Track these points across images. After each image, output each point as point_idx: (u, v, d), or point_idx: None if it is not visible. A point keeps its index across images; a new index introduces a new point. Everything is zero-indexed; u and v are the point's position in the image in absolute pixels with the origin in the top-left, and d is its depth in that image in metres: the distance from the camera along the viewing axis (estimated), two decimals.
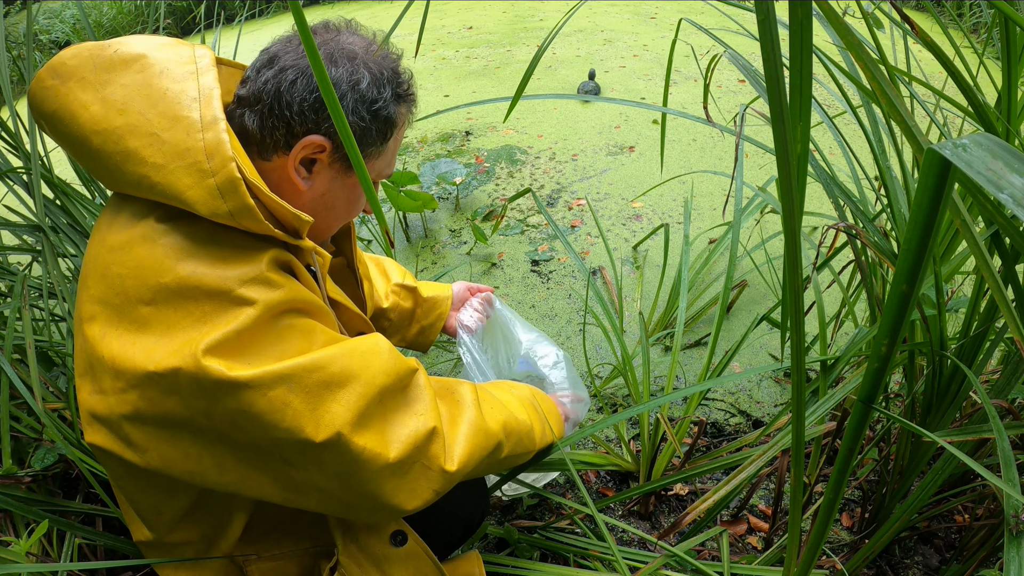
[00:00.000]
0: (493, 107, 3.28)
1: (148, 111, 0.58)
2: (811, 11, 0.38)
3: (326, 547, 0.77)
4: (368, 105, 0.67)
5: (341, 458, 0.62)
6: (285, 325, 0.61)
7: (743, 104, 0.93)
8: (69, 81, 0.60)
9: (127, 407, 0.59)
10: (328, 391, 0.60)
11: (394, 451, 0.64)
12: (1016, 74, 0.70)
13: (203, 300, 0.57)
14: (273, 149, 0.66)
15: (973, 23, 4.45)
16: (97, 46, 0.61)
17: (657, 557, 1.00)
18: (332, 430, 0.60)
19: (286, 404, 0.58)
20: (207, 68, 0.61)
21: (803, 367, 0.55)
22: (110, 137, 0.58)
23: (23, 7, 4.62)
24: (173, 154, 0.57)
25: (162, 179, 0.57)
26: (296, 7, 0.37)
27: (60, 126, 0.60)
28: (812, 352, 1.33)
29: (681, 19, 1.03)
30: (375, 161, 0.73)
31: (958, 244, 0.89)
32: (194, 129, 0.57)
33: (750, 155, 2.64)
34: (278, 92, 0.64)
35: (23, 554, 0.81)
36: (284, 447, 0.60)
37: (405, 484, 0.67)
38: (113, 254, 0.60)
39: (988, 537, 0.94)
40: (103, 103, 0.59)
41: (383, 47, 0.70)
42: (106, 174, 0.61)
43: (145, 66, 0.60)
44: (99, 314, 0.59)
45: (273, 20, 6.14)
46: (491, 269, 2.06)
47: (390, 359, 0.67)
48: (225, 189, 0.57)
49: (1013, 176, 0.29)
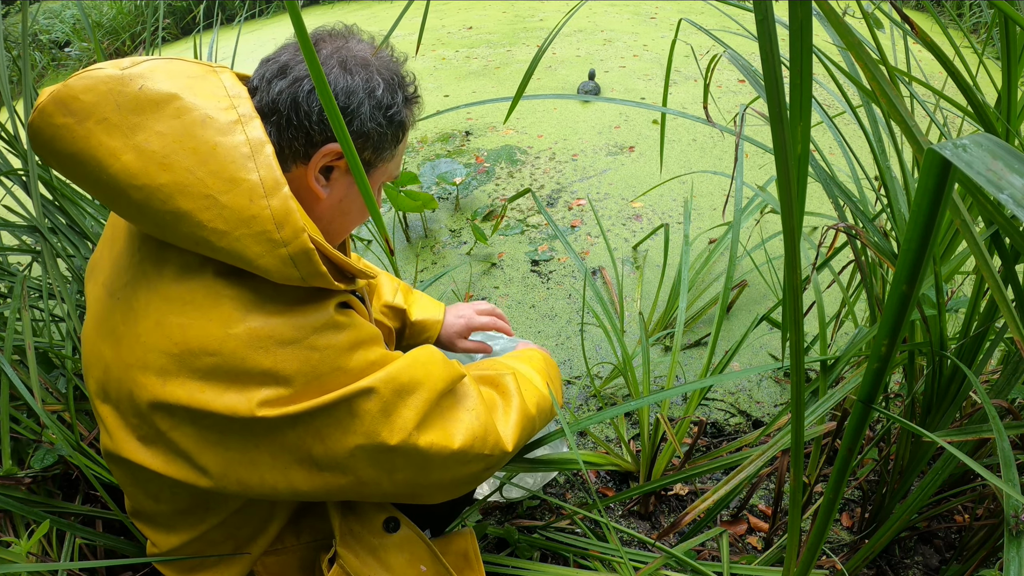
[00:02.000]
0: (493, 107, 3.28)
1: (197, 169, 0.56)
2: (811, 11, 0.38)
3: (325, 540, 0.79)
4: (384, 111, 0.68)
5: (410, 459, 0.68)
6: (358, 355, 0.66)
7: (743, 104, 0.93)
8: (87, 121, 0.56)
9: (198, 438, 0.62)
10: (400, 398, 0.67)
11: (456, 442, 0.71)
12: (1016, 74, 0.70)
13: (275, 349, 0.59)
14: (292, 159, 0.66)
15: (973, 23, 4.45)
16: (114, 79, 0.56)
17: (657, 557, 1.00)
18: (404, 433, 0.66)
19: (366, 412, 0.64)
20: (249, 114, 0.60)
21: (802, 367, 0.55)
22: (155, 195, 0.56)
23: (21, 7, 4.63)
24: (237, 221, 0.57)
25: (227, 245, 0.57)
26: (294, 8, 0.37)
27: (81, 170, 0.57)
28: (812, 352, 1.33)
29: (681, 19, 1.03)
30: (387, 164, 0.74)
31: (958, 244, 0.89)
32: (257, 195, 0.57)
33: (750, 155, 2.64)
34: (295, 102, 0.64)
35: (24, 554, 0.81)
36: (360, 455, 0.65)
37: (467, 468, 0.74)
38: (171, 304, 0.60)
39: (988, 537, 0.94)
40: (138, 153, 0.56)
41: (382, 48, 0.71)
42: (151, 225, 0.59)
43: (181, 111, 0.57)
44: (153, 363, 0.60)
45: (273, 20, 6.13)
46: (491, 269, 2.06)
47: (444, 366, 0.74)
48: (299, 259, 0.59)
49: (1013, 176, 0.29)
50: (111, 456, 0.68)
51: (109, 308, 0.65)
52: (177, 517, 0.71)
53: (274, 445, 0.63)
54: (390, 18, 5.60)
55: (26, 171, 1.14)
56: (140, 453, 0.64)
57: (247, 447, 0.62)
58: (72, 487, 1.09)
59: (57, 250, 1.21)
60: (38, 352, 1.11)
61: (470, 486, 0.78)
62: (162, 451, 0.63)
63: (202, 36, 1.70)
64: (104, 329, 0.64)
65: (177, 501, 0.69)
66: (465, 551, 0.87)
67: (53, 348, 1.15)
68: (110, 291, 0.65)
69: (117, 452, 0.65)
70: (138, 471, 0.65)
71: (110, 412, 0.65)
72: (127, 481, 0.71)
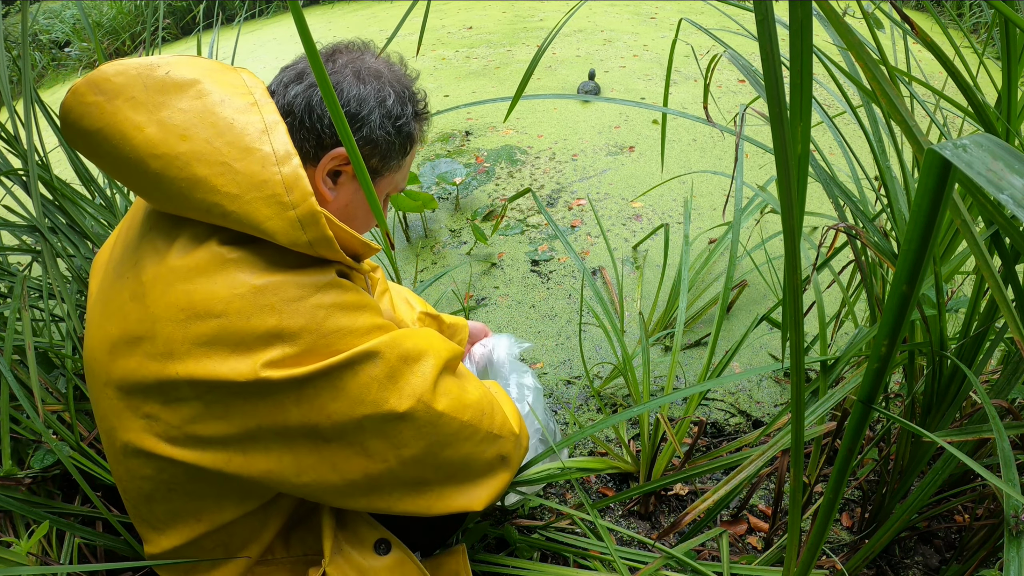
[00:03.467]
0: (493, 107, 3.28)
1: (215, 140, 0.60)
2: (811, 11, 0.38)
3: (315, 557, 0.78)
4: (393, 121, 0.71)
5: (421, 429, 0.68)
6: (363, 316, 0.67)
7: (743, 104, 0.93)
8: (116, 99, 0.60)
9: (203, 413, 0.62)
10: (406, 364, 0.67)
11: (466, 413, 0.72)
12: (1016, 74, 0.70)
13: (280, 306, 0.60)
14: (303, 161, 0.69)
15: (973, 23, 4.45)
16: (143, 64, 0.61)
17: (657, 557, 1.00)
18: (414, 399, 0.66)
19: (372, 378, 0.64)
20: (266, 100, 0.64)
21: (802, 367, 0.55)
22: (173, 163, 0.59)
23: (21, 8, 4.63)
24: (249, 185, 0.60)
25: (238, 208, 0.60)
26: (296, 7, 0.37)
27: (106, 145, 0.61)
28: (812, 352, 1.33)
29: (681, 19, 1.03)
30: (394, 175, 0.77)
31: (958, 244, 0.89)
32: (269, 163, 0.60)
33: (750, 155, 2.64)
34: (309, 106, 0.68)
35: (24, 555, 0.81)
36: (368, 427, 0.65)
37: (479, 450, 0.74)
38: (177, 273, 0.61)
39: (988, 537, 0.94)
40: (160, 126, 0.59)
41: (396, 61, 0.75)
42: (164, 197, 0.62)
43: (202, 92, 0.61)
44: (160, 333, 0.61)
45: (273, 20, 6.13)
46: (491, 269, 2.06)
47: (444, 341, 0.75)
48: (306, 221, 0.61)
49: (1013, 177, 0.29)
50: (113, 443, 0.67)
51: (117, 288, 0.66)
52: (170, 519, 0.70)
53: (278, 419, 0.62)
54: (390, 18, 5.60)
55: (26, 171, 1.14)
56: (142, 436, 0.63)
57: (250, 420, 0.62)
58: (72, 487, 1.09)
59: (57, 250, 1.20)
60: (38, 352, 1.11)
61: (485, 482, 0.77)
62: (164, 429, 0.63)
63: (202, 36, 1.70)
64: (111, 308, 0.66)
65: (171, 501, 0.69)
66: (456, 572, 0.87)
67: (53, 348, 1.15)
68: (118, 273, 0.67)
69: (121, 437, 0.65)
70: (136, 462, 0.65)
71: (114, 394, 0.65)
72: (124, 476, 0.70)
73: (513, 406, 0.88)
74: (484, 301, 1.92)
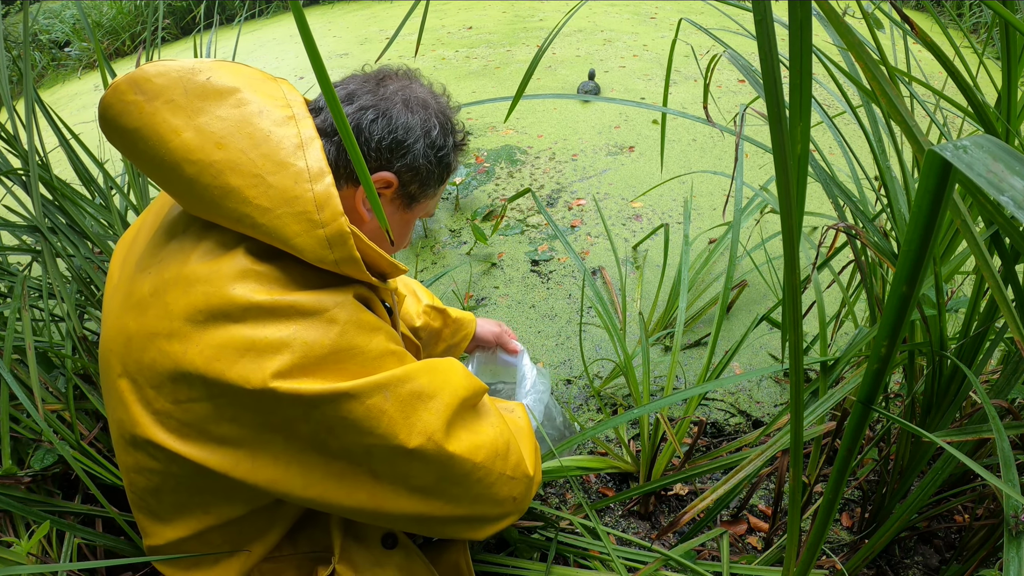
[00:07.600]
0: (493, 107, 3.27)
1: (250, 151, 0.60)
2: (811, 11, 0.38)
3: (323, 553, 0.78)
4: (436, 151, 0.74)
5: (429, 466, 0.67)
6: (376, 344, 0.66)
7: (743, 104, 0.93)
8: (156, 100, 0.60)
9: (213, 414, 0.62)
10: (419, 401, 0.66)
11: (480, 455, 0.71)
12: (1016, 74, 0.70)
13: (296, 317, 0.61)
14: (346, 181, 0.70)
15: (973, 23, 4.45)
16: (185, 68, 0.62)
17: (657, 557, 1.00)
18: (424, 437, 0.66)
19: (382, 412, 0.63)
20: (303, 115, 0.65)
21: (801, 367, 0.55)
22: (208, 170, 0.60)
23: (21, 7, 4.63)
24: (281, 199, 0.60)
25: (268, 222, 0.60)
26: (297, 7, 0.37)
27: (142, 145, 0.61)
28: (812, 352, 1.33)
29: (681, 19, 1.03)
30: (428, 201, 0.79)
31: (958, 244, 0.89)
32: (302, 179, 0.61)
33: (750, 155, 2.64)
34: (358, 128, 0.69)
35: (24, 555, 0.81)
36: (376, 455, 0.65)
37: (490, 491, 0.74)
38: (199, 274, 0.62)
39: (988, 537, 0.94)
40: (197, 132, 0.60)
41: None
42: (196, 202, 0.62)
43: (242, 101, 0.62)
44: (177, 330, 0.61)
45: (273, 20, 6.13)
46: (491, 269, 2.06)
47: (465, 377, 0.74)
48: (335, 241, 0.61)
49: (1014, 178, 0.29)
50: (122, 435, 0.67)
51: (139, 282, 0.66)
52: (177, 510, 0.70)
53: (287, 431, 0.63)
54: (390, 18, 5.59)
55: (26, 171, 1.14)
56: (153, 429, 0.64)
57: (260, 427, 0.62)
58: (72, 486, 1.09)
59: (57, 250, 1.20)
60: (38, 352, 1.11)
61: (492, 521, 0.77)
62: (175, 426, 0.63)
63: (202, 36, 1.70)
64: (130, 302, 0.66)
65: (179, 493, 0.69)
66: (457, 562, 0.87)
67: (53, 348, 1.15)
68: (140, 266, 0.67)
69: (131, 429, 0.65)
70: (145, 454, 0.65)
71: (128, 386, 0.65)
72: (132, 467, 0.69)
73: (532, 442, 0.86)
74: (484, 301, 1.92)
